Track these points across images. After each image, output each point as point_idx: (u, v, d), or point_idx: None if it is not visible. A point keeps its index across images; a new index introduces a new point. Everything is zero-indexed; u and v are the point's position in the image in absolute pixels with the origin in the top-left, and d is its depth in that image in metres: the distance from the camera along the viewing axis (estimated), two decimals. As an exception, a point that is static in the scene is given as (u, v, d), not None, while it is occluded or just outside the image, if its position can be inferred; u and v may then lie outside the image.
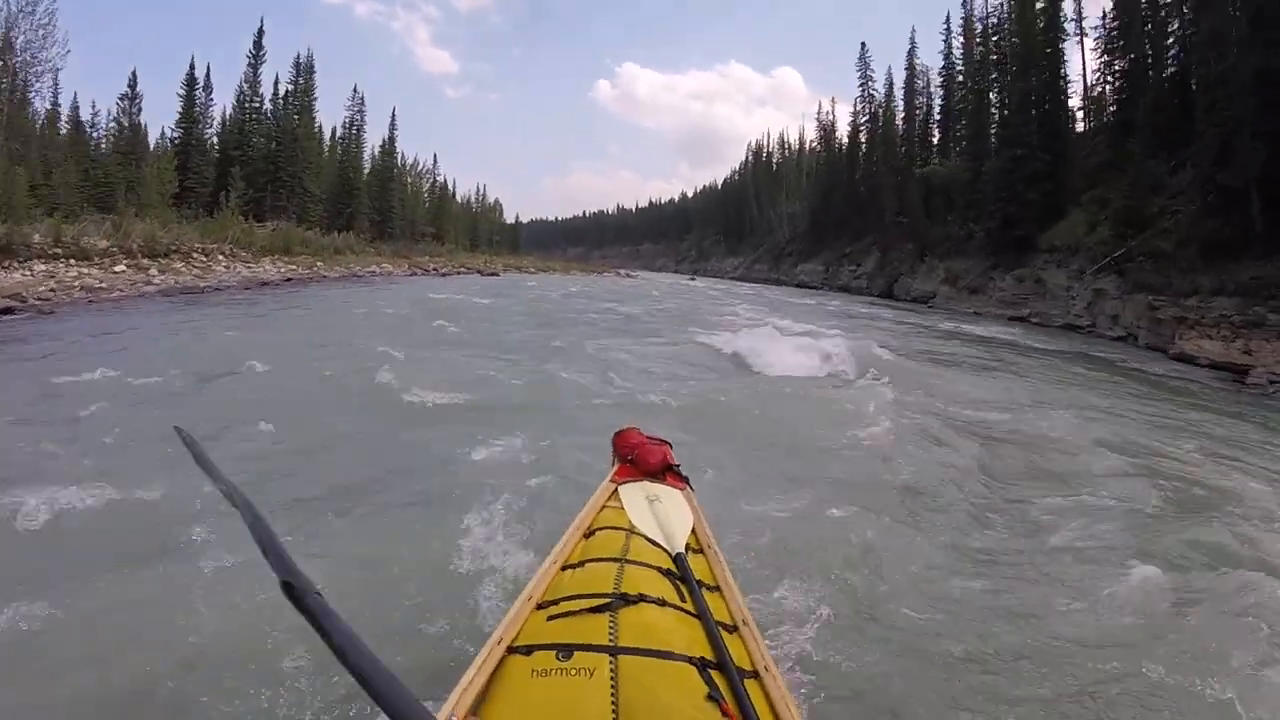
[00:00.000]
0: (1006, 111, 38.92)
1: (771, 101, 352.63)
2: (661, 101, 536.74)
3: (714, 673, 1.54)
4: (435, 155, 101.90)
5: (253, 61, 45.12)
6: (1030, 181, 31.38)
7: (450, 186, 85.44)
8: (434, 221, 68.90)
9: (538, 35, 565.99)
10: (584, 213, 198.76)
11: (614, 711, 1.39)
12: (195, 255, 25.60)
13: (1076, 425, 7.88)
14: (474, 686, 1.49)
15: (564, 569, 2.08)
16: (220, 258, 26.91)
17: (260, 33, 45.00)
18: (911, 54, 56.89)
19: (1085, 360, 16.67)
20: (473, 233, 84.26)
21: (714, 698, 1.44)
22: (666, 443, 3.23)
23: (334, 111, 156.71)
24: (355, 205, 50.89)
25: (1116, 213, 25.83)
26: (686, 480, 2.98)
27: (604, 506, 2.61)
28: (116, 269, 20.48)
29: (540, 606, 1.83)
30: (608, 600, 1.75)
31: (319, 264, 31.90)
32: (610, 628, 1.64)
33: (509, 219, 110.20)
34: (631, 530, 2.32)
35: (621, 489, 2.75)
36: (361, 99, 56.44)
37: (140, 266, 21.60)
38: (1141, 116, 27.43)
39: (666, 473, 2.97)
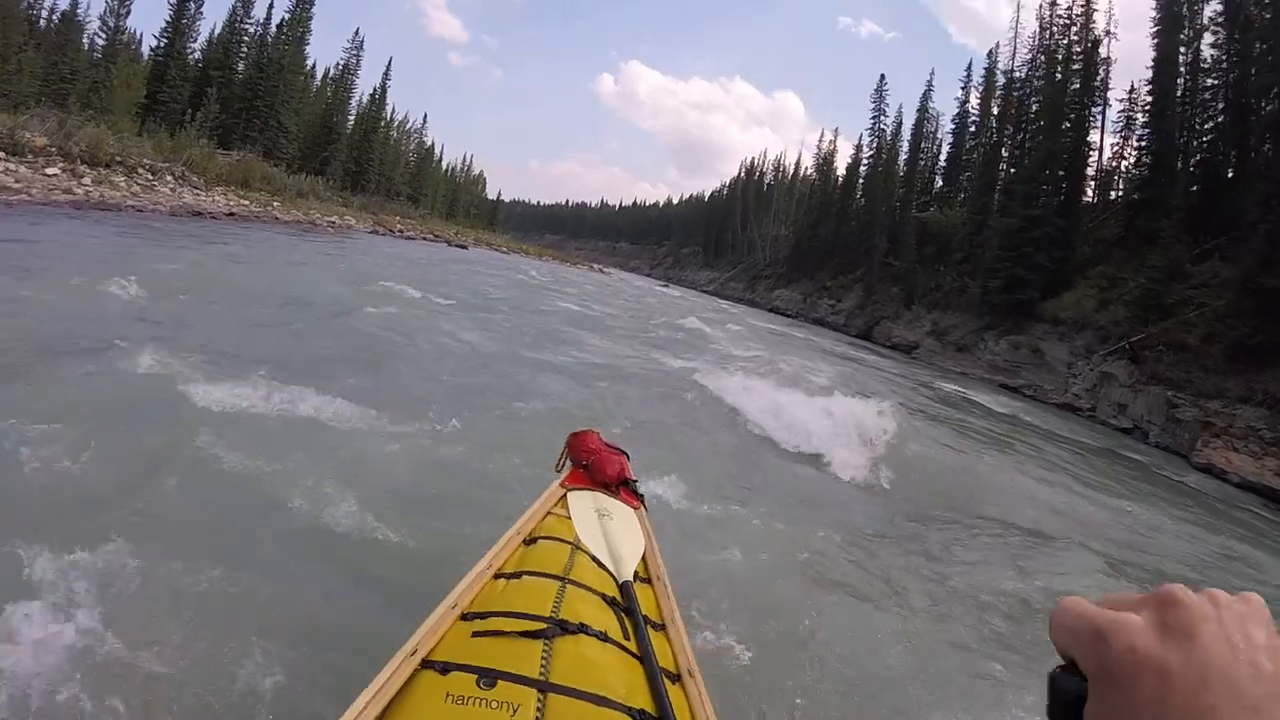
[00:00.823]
0: (1017, 169, 37.31)
1: (769, 122, 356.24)
2: (661, 104, 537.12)
3: None
4: (425, 115, 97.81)
5: None
6: (1041, 245, 29.34)
7: (438, 151, 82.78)
8: (413, 182, 65.61)
9: (552, 18, 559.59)
10: (566, 201, 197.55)
11: None
12: (140, 171, 23.10)
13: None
14: (378, 702, 1.31)
15: (497, 577, 1.87)
16: (169, 179, 24.48)
17: None
18: (926, 96, 55.26)
19: (1118, 460, 14.34)
20: (451, 201, 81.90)
21: None
22: (625, 453, 2.94)
23: (332, 57, 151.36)
24: (332, 150, 47.47)
25: (1137, 294, 23.79)
26: (642, 499, 2.75)
27: (549, 513, 2.40)
28: (48, 170, 18.47)
29: (465, 618, 1.62)
30: (544, 625, 1.56)
31: (275, 204, 28.95)
32: (543, 658, 1.46)
33: (491, 195, 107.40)
34: (577, 545, 2.11)
35: (571, 496, 2.56)
36: (361, 43, 53.11)
37: (76, 173, 19.37)
38: (1179, 198, 25.35)
39: (621, 487, 2.73)
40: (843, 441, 6.89)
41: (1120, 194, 36.74)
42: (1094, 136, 35.56)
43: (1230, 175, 27.59)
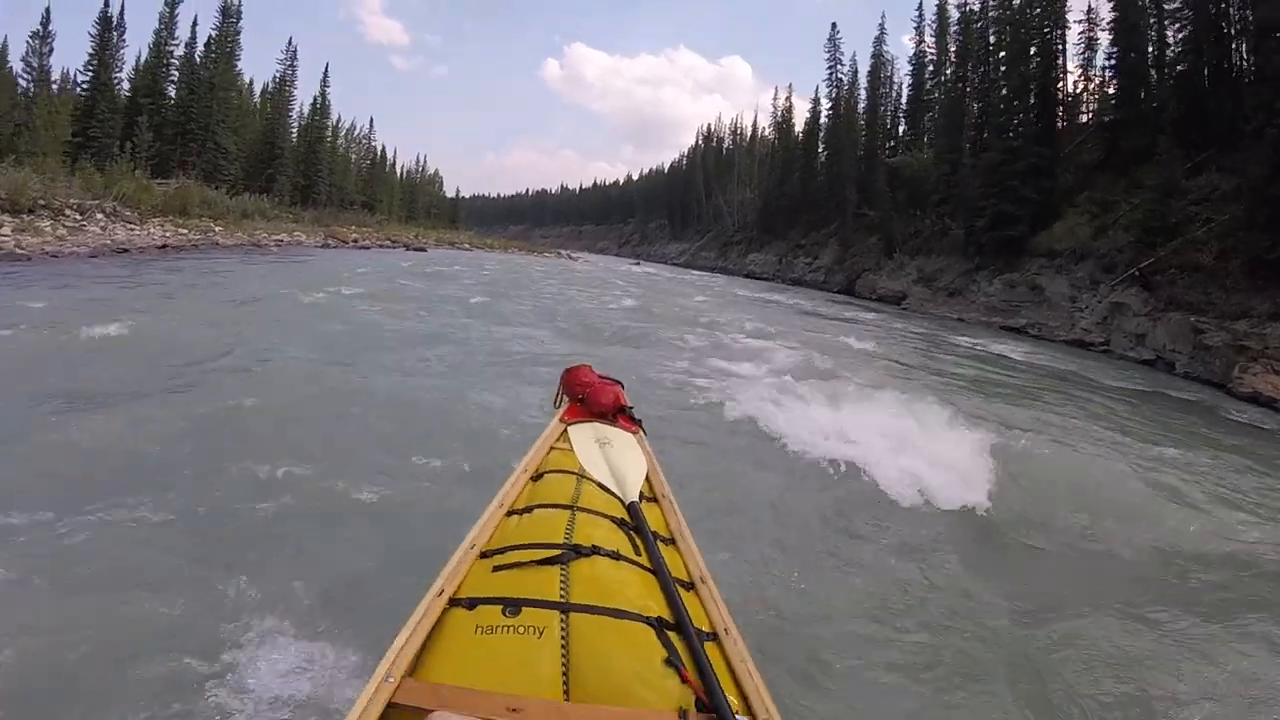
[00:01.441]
0: (986, 102, 35.85)
1: (719, 89, 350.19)
2: (609, 84, 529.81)
3: (671, 634, 1.44)
4: (371, 120, 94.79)
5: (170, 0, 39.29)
6: (1025, 177, 27.86)
7: (391, 156, 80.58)
8: (366, 190, 63.28)
9: (491, 8, 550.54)
10: (526, 190, 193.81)
11: (564, 673, 1.34)
12: (68, 213, 21.66)
13: None
14: (413, 642, 1.39)
15: (510, 514, 1.96)
16: (99, 216, 22.93)
17: None
18: (880, 41, 53.43)
19: (1174, 405, 12.84)
20: (410, 204, 79.76)
21: (672, 662, 1.36)
22: (619, 383, 3.03)
23: (271, 72, 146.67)
24: (277, 166, 45.33)
25: (1139, 217, 22.38)
26: (639, 424, 2.83)
27: (552, 448, 2.48)
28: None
29: (484, 555, 1.71)
30: (559, 551, 1.64)
31: (217, 229, 27.08)
32: (561, 582, 1.54)
33: (450, 193, 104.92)
34: (582, 475, 2.20)
35: (571, 429, 2.62)
36: (294, 53, 50.78)
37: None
38: (1170, 110, 23.90)
39: (619, 414, 2.82)
40: (941, 477, 5.34)
41: (1091, 116, 35.49)
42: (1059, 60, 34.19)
43: (1208, 84, 26.24)
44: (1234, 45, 26.52)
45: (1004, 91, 33.33)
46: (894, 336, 18.15)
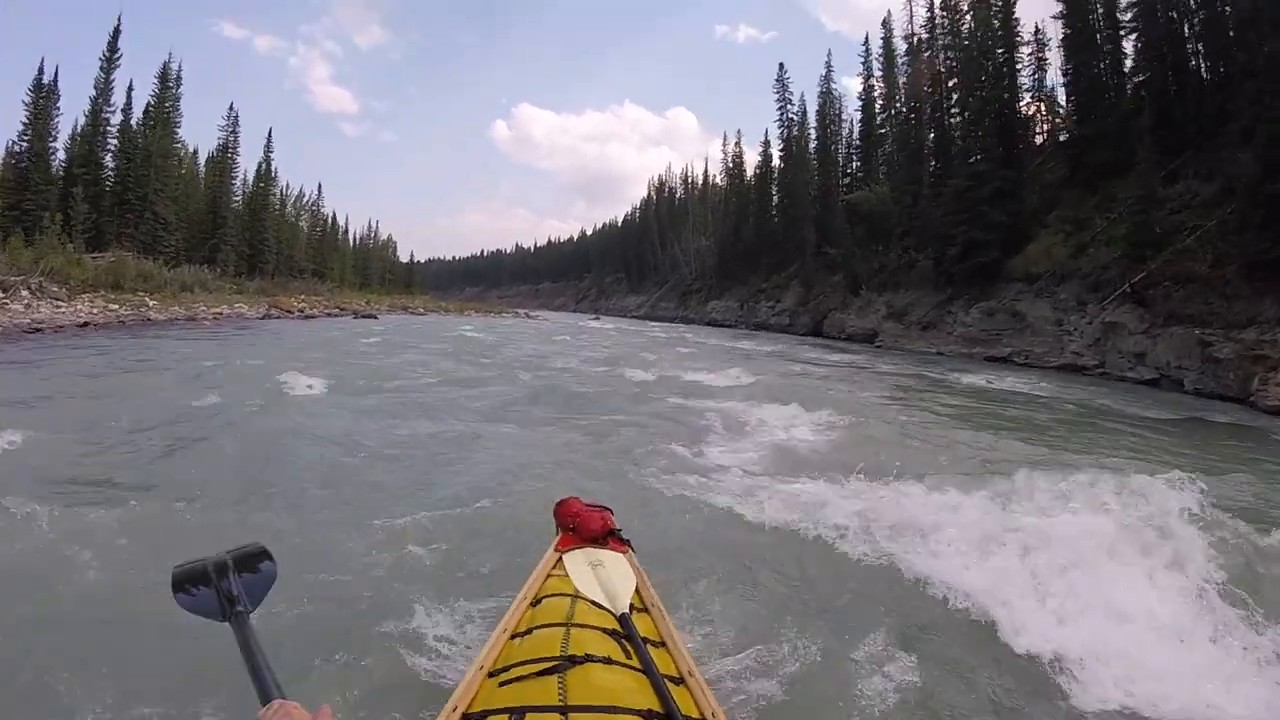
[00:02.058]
0: (940, 131, 35.28)
1: (666, 141, 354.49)
2: (557, 142, 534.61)
3: None
4: (319, 185, 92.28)
5: (105, 66, 37.22)
6: (994, 201, 26.78)
7: (344, 222, 79.22)
8: (316, 257, 61.08)
9: (436, 73, 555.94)
10: (481, 252, 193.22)
11: None
12: None
13: None
14: None
15: (513, 637, 2.07)
16: (24, 293, 21.52)
17: (116, 32, 37.28)
18: (828, 78, 53.17)
19: (1217, 432, 11.11)
20: (363, 270, 77.75)
21: None
22: (607, 509, 3.18)
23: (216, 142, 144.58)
24: (220, 236, 43.09)
25: (1125, 230, 21.20)
26: (628, 543, 2.94)
27: (549, 575, 2.59)
28: None
29: (491, 674, 1.83)
30: (556, 662, 1.75)
31: (151, 303, 24.86)
32: (559, 688, 1.64)
33: (404, 257, 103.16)
34: (576, 595, 2.31)
35: (565, 557, 2.74)
36: (235, 119, 49.03)
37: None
38: (1145, 121, 22.99)
39: (609, 537, 2.93)
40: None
41: (1046, 137, 35.00)
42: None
43: (1173, 91, 25.60)
44: (1192, 48, 26.06)
45: (962, 116, 32.62)
46: (882, 379, 16.47)
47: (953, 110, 35.39)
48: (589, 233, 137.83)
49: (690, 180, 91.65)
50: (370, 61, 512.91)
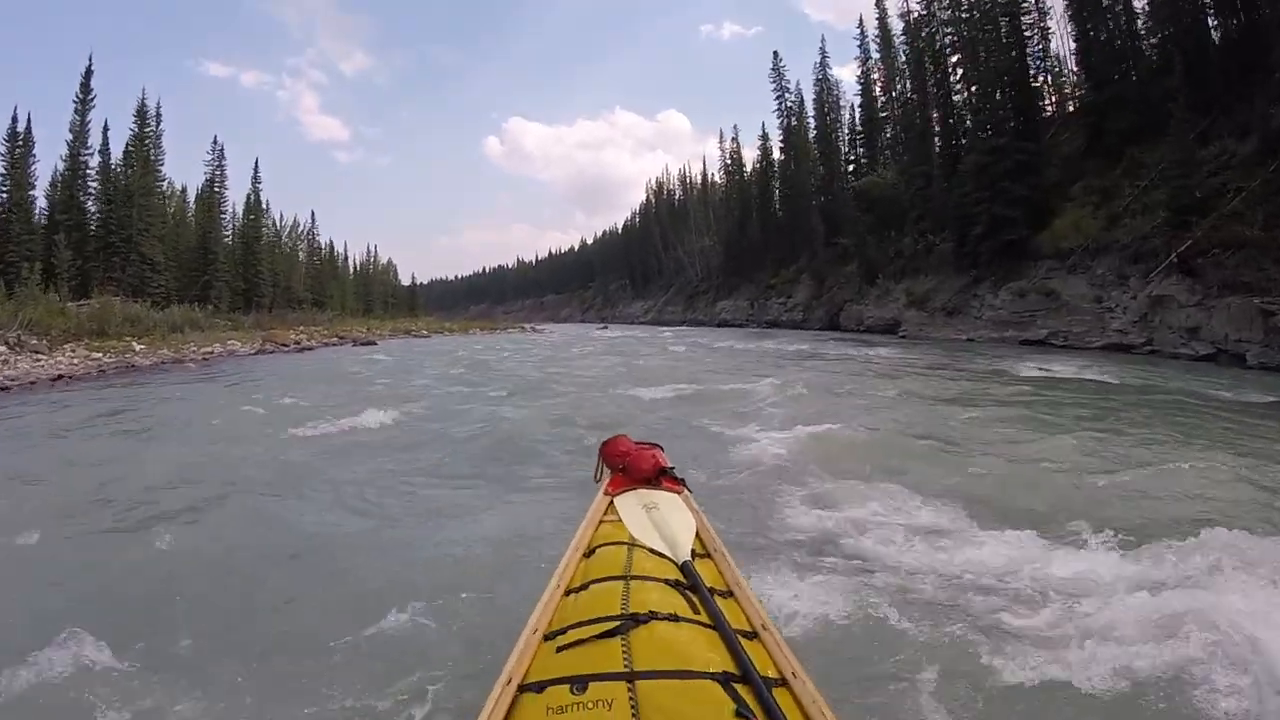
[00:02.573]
0: (948, 109, 33.94)
1: (660, 144, 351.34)
2: (551, 153, 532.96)
3: (739, 686, 1.43)
4: (313, 213, 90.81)
5: (80, 108, 36.35)
6: (1016, 175, 25.44)
7: (343, 250, 79.37)
8: (314, 287, 60.10)
9: (423, 95, 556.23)
10: (484, 269, 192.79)
11: None
12: None
13: None
14: None
15: (567, 594, 1.95)
16: (1, 349, 20.05)
17: (89, 73, 36.39)
18: (824, 65, 51.78)
19: None
20: (365, 297, 77.19)
21: (742, 713, 1.35)
22: (657, 446, 3.04)
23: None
24: (212, 272, 42.09)
25: (1166, 197, 19.83)
26: (683, 482, 2.81)
27: (601, 522, 2.46)
28: None
29: (547, 638, 1.71)
30: (617, 623, 1.63)
31: (138, 348, 23.45)
32: (624, 652, 1.53)
33: (406, 280, 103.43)
34: (633, 543, 2.19)
35: (617, 500, 2.61)
36: (220, 151, 47.99)
37: None
38: (1175, 81, 21.67)
39: (661, 477, 2.79)
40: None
41: (1054, 107, 33.58)
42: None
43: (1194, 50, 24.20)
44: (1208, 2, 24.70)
45: (969, 91, 31.31)
46: (928, 376, 15.11)
47: (957, 86, 34.12)
48: (590, 241, 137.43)
49: (689, 181, 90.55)
50: (357, 88, 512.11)
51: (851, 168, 49.35)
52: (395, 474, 6.32)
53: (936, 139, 35.82)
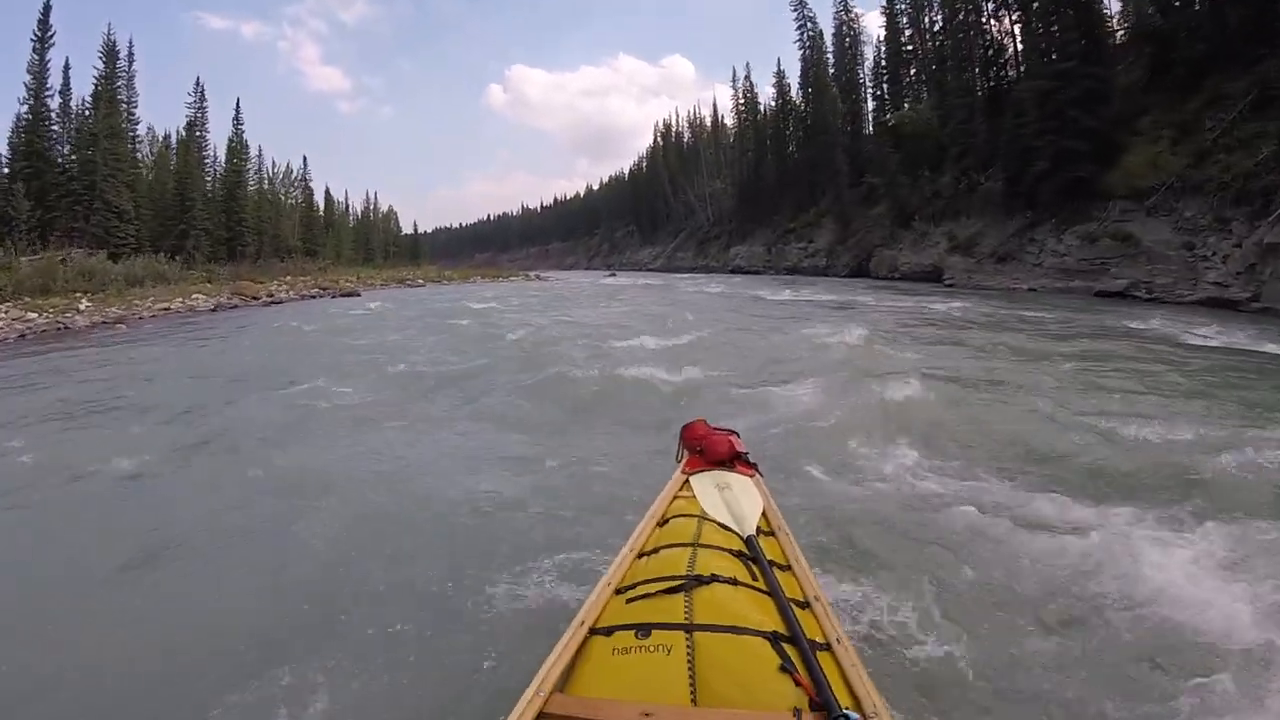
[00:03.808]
0: (985, 39, 30.66)
1: (664, 91, 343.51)
2: (554, 100, 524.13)
3: (786, 645, 1.55)
4: (305, 158, 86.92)
5: (38, 46, 33.09)
6: (1084, 104, 22.44)
7: (343, 199, 76.35)
8: (306, 235, 57.13)
9: (425, 43, 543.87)
10: (488, 216, 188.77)
11: (691, 684, 1.46)
12: None
13: None
14: (559, 665, 1.57)
15: (640, 556, 2.10)
16: None
17: (47, 8, 33.10)
18: (845, -3, 47.94)
19: None
20: (366, 245, 74.22)
21: (786, 669, 1.46)
22: (734, 432, 3.16)
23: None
24: (189, 220, 38.98)
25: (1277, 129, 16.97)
26: (755, 467, 2.95)
27: (676, 496, 2.63)
28: None
29: (619, 591, 1.87)
30: (682, 581, 1.78)
31: (84, 305, 20.57)
32: (685, 607, 1.67)
33: (409, 228, 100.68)
34: (703, 517, 2.33)
35: (692, 478, 2.77)
36: (202, 93, 44.73)
37: None
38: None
39: (735, 461, 2.94)
40: None
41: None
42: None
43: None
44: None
45: (1021, 9, 27.95)
46: (1015, 331, 12.46)
47: (997, 11, 30.89)
48: (595, 188, 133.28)
49: (698, 122, 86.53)
50: (358, 37, 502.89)
51: (873, 105, 46.19)
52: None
53: (976, 70, 32.60)
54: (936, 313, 16.01)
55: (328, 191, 72.37)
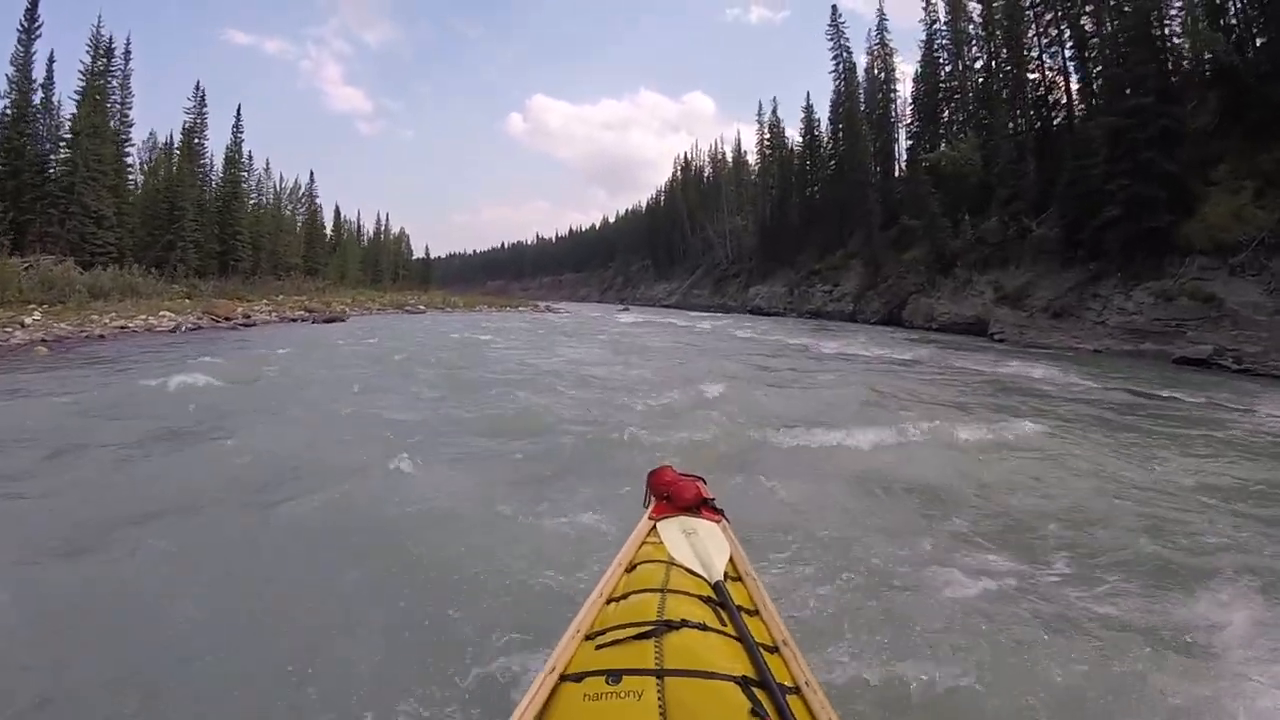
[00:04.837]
0: (1035, 74, 28.73)
1: (684, 126, 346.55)
2: (574, 132, 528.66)
3: (757, 690, 1.52)
4: (311, 173, 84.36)
5: (24, 38, 31.44)
6: (1161, 146, 20.35)
7: (355, 219, 75.51)
8: (309, 253, 55.47)
9: (447, 69, 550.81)
10: (502, 244, 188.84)
11: None
12: None
13: None
14: (529, 712, 1.51)
15: (609, 602, 2.06)
16: None
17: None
18: (882, 28, 46.43)
19: None
20: (374, 267, 73.13)
21: (757, 713, 1.45)
22: (700, 478, 3.14)
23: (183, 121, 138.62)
24: (176, 231, 37.04)
25: None
26: (721, 513, 2.90)
27: (644, 542, 2.58)
28: None
29: (589, 638, 1.83)
30: (652, 627, 1.74)
31: (28, 320, 18.11)
32: (656, 652, 1.64)
33: (420, 253, 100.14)
34: (671, 562, 2.30)
35: (659, 525, 2.72)
36: (202, 98, 43.39)
37: None
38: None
39: (702, 507, 2.89)
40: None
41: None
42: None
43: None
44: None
45: (1106, 31, 25.81)
46: (1152, 414, 10.18)
47: (1048, 44, 29.03)
48: (611, 220, 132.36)
49: (719, 157, 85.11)
50: (381, 59, 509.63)
51: (906, 144, 44.37)
52: None
53: (1030, 109, 30.74)
54: (1038, 383, 13.22)
55: (337, 210, 70.93)
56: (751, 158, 72.51)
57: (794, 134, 55.31)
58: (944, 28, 40.84)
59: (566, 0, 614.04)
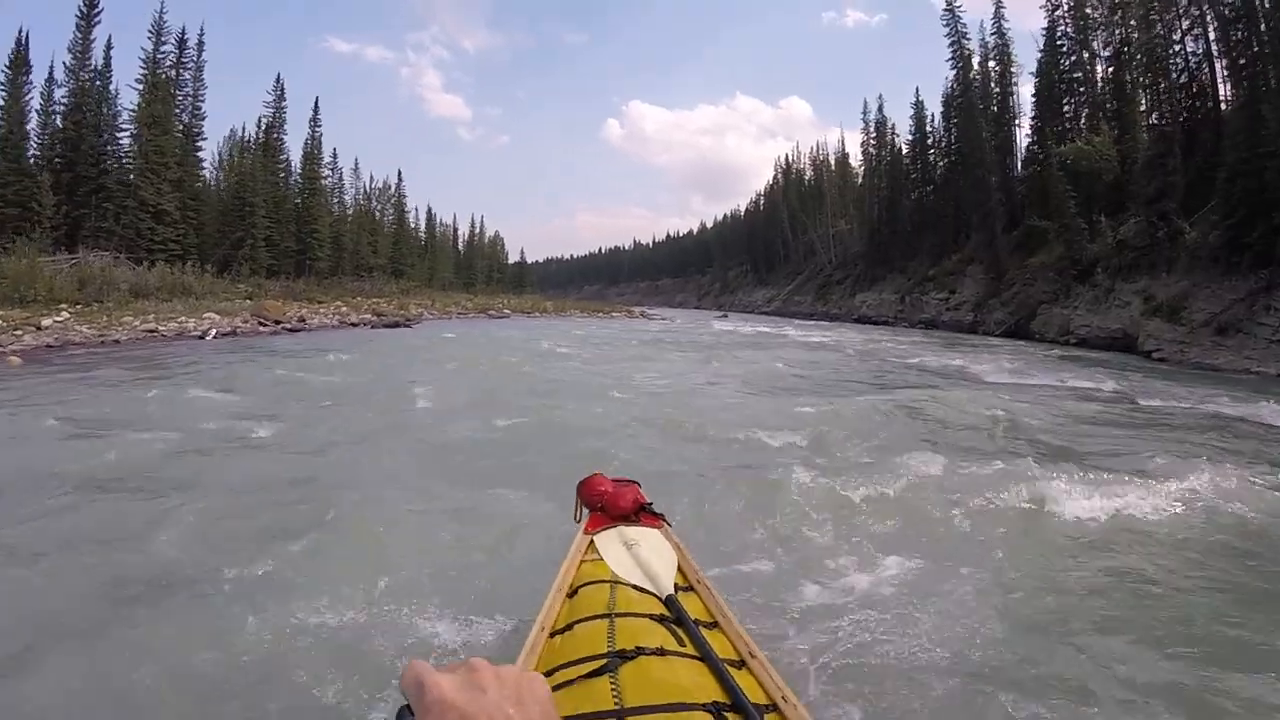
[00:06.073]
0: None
1: (782, 131, 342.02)
2: (671, 138, 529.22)
3: (730, 715, 1.43)
4: (399, 172, 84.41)
5: (83, 24, 31.20)
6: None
7: (451, 222, 79.84)
8: (395, 255, 56.10)
9: (544, 76, 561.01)
10: (600, 249, 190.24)
11: None
12: None
13: None
14: None
15: (552, 635, 1.90)
16: None
17: None
18: (999, 14, 43.30)
19: None
20: (468, 270, 74.41)
21: None
22: (634, 482, 2.93)
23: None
24: (247, 229, 36.84)
25: None
26: (662, 517, 2.73)
27: (582, 561, 2.39)
28: None
29: None
30: (604, 661, 1.60)
31: (46, 322, 17.59)
32: (613, 690, 1.50)
33: (516, 257, 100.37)
34: (616, 581, 2.15)
35: (596, 539, 2.54)
36: (281, 92, 43.65)
37: None
38: None
39: (640, 514, 2.71)
40: None
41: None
42: None
43: None
44: None
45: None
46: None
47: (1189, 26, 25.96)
48: (709, 225, 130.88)
49: (820, 160, 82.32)
50: (479, 66, 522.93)
51: (1025, 139, 41.27)
52: None
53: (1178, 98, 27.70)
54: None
55: (429, 212, 71.73)
56: (855, 160, 69.91)
57: (909, 129, 52.21)
58: (1066, 14, 37.74)
59: (661, 7, 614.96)
